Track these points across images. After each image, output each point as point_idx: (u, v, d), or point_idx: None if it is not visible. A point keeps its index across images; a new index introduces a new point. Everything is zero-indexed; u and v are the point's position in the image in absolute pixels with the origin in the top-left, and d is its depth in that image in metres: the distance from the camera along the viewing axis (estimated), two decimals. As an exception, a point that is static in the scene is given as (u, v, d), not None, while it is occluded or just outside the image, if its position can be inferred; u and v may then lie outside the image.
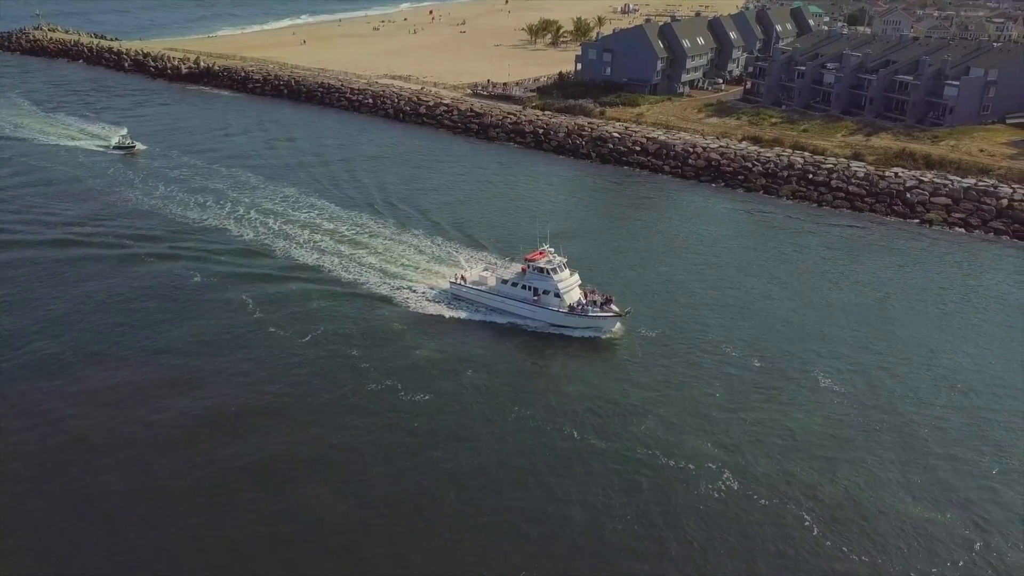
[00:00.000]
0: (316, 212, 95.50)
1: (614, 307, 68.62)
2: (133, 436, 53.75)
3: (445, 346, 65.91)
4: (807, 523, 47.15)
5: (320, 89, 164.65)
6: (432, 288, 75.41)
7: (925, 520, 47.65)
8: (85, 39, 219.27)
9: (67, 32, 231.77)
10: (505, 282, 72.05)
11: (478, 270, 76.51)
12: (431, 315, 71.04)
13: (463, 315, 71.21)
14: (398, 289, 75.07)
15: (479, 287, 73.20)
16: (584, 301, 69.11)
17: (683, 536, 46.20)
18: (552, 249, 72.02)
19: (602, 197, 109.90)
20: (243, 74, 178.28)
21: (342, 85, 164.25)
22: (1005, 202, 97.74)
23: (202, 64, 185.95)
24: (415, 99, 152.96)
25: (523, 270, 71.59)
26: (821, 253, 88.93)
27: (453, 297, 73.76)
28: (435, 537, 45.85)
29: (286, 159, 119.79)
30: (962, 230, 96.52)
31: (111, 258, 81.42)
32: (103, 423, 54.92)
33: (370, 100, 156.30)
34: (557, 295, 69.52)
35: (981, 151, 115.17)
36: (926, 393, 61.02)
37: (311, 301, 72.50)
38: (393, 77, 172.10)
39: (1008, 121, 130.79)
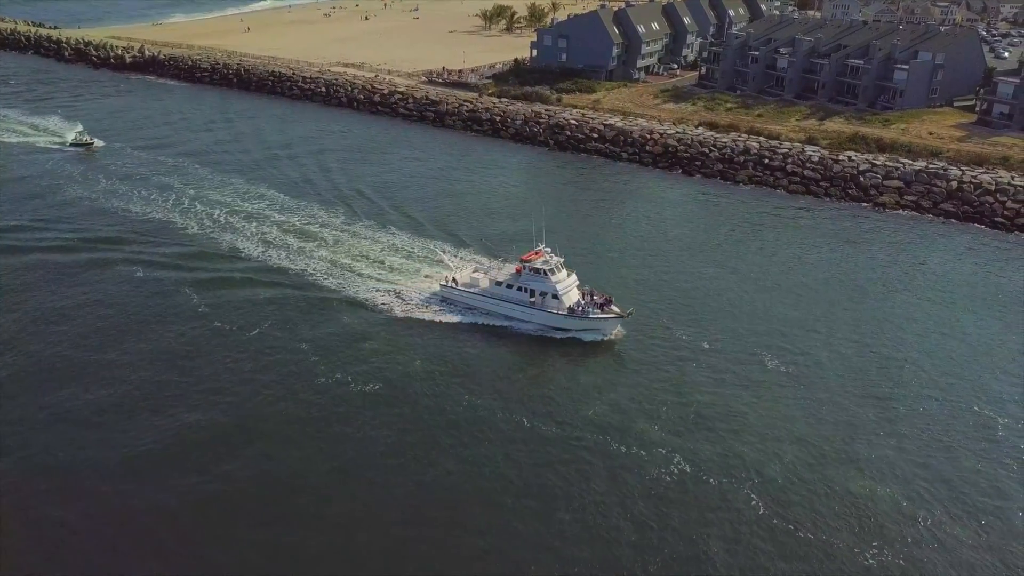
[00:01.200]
0: (292, 213, 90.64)
1: (615, 308, 65.93)
2: (101, 459, 50.70)
3: (440, 353, 62.91)
4: (754, 502, 47.75)
5: (271, 78, 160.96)
6: (419, 292, 71.83)
7: (869, 496, 48.42)
8: (23, 27, 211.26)
9: (3, 20, 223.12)
10: (499, 284, 68.76)
11: (468, 271, 72.78)
12: (421, 320, 67.56)
13: (456, 319, 67.92)
14: (382, 293, 71.49)
15: (471, 289, 69.85)
16: (583, 302, 66.30)
17: (638, 518, 46.33)
18: (548, 249, 68.72)
19: (560, 185, 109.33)
20: (190, 63, 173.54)
21: (293, 74, 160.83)
22: (955, 184, 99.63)
23: (147, 53, 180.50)
24: (369, 87, 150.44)
25: (517, 271, 68.46)
26: (773, 238, 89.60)
27: (443, 300, 70.44)
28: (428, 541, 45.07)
29: (253, 154, 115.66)
30: (915, 212, 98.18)
31: (90, 263, 77.26)
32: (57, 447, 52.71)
33: (323, 89, 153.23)
34: (555, 297, 66.45)
35: (930, 134, 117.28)
36: (870, 372, 61.95)
37: (289, 309, 68.70)
38: (346, 65, 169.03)
39: (955, 104, 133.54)
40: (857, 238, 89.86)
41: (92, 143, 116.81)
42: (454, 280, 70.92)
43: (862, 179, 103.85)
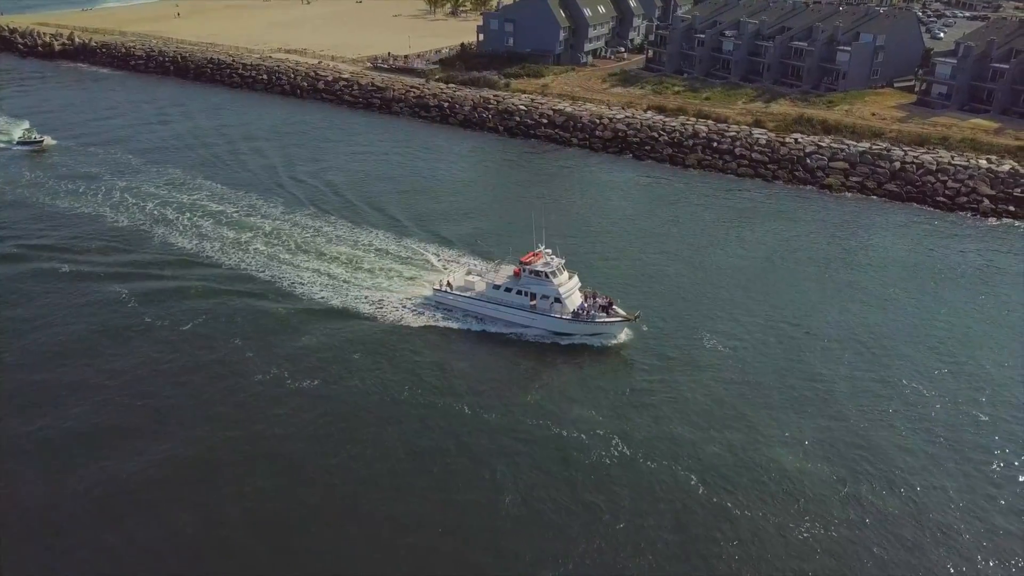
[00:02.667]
0: (265, 215, 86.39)
1: (619, 311, 63.54)
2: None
3: (441, 362, 60.46)
4: (693, 482, 48.21)
5: (210, 65, 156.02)
6: (410, 297, 68.63)
7: (803, 472, 49.13)
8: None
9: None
10: (497, 287, 65.51)
11: (462, 274, 69.74)
12: (414, 327, 64.56)
13: (454, 325, 65.04)
14: (368, 301, 68.12)
15: (466, 293, 66.72)
16: (586, 305, 63.76)
17: (583, 501, 46.53)
18: (549, 250, 65.74)
19: (510, 172, 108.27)
20: (124, 50, 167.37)
21: (233, 61, 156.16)
22: (898, 165, 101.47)
23: (77, 40, 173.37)
24: (312, 74, 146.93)
25: (516, 273, 65.47)
26: (718, 220, 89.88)
27: (437, 305, 67.28)
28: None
29: (215, 149, 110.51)
30: (860, 194, 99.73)
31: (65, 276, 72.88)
32: None
33: (264, 76, 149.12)
34: (558, 300, 63.62)
35: (873, 115, 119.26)
36: (806, 351, 62.74)
37: (286, 323, 64.86)
38: (288, 51, 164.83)
39: (896, 85, 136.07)
40: (802, 219, 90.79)
41: (43, 141, 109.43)
42: (448, 284, 67.75)
43: (808, 161, 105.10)
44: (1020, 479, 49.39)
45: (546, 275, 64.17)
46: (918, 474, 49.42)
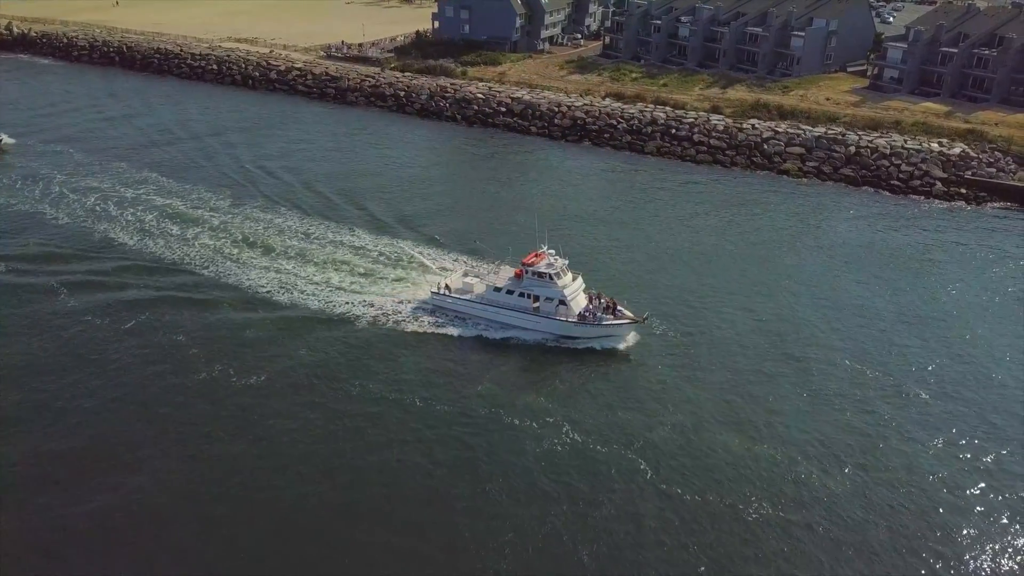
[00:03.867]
0: (254, 220, 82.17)
1: (625, 312, 61.70)
2: None
3: (442, 367, 58.49)
4: (642, 466, 48.31)
5: (157, 56, 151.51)
6: (407, 301, 66.08)
7: (747, 453, 49.63)
8: None
9: None
10: (498, 290, 63.17)
11: (458, 275, 67.35)
12: (413, 332, 62.24)
13: (454, 331, 62.54)
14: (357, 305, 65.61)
15: (465, 296, 64.39)
16: (591, 307, 62.02)
17: (533, 486, 46.61)
18: (552, 251, 63.51)
19: (468, 162, 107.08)
20: (66, 40, 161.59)
21: (181, 51, 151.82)
22: (853, 149, 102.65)
23: (15, 30, 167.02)
24: (264, 64, 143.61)
25: (517, 274, 63.36)
26: (675, 208, 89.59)
27: (435, 308, 64.75)
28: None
29: (185, 145, 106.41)
30: (816, 179, 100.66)
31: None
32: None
33: (215, 66, 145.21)
34: (563, 303, 61.54)
35: (828, 99, 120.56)
36: (748, 334, 63.12)
37: (253, 330, 61.95)
38: (238, 40, 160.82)
39: (849, 69, 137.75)
40: (759, 205, 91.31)
41: (1, 140, 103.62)
42: (447, 287, 65.13)
43: (766, 147, 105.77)
44: (959, 455, 50.31)
45: (550, 277, 62.11)
46: (863, 454, 50.08)
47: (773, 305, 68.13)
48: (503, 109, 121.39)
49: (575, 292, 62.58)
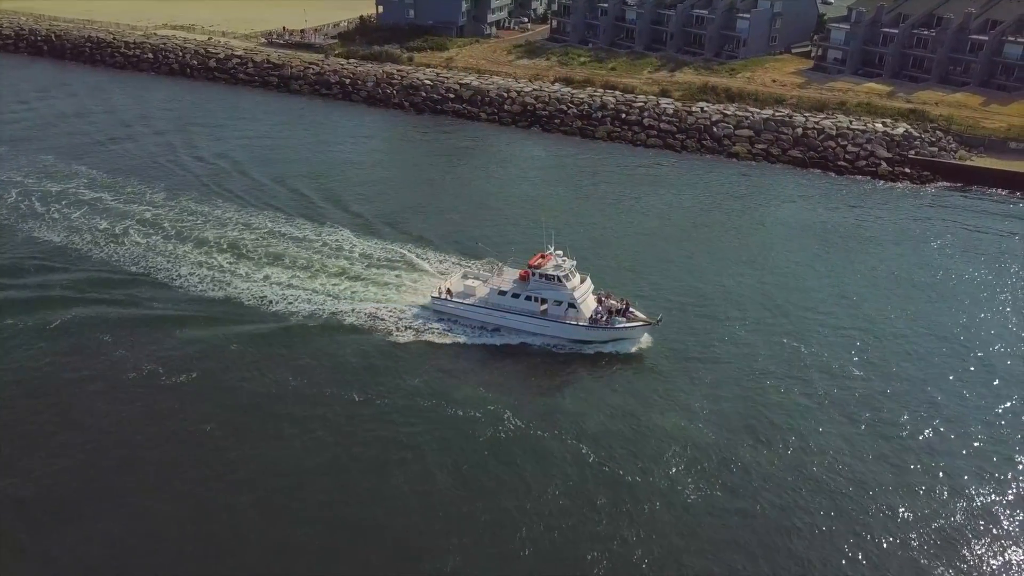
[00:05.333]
0: (254, 227, 77.07)
1: (638, 313, 59.60)
2: None
3: (443, 374, 55.94)
4: (584, 451, 48.38)
5: (88, 44, 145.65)
6: (407, 307, 62.94)
7: (684, 434, 49.89)
8: None
9: None
10: (503, 293, 60.57)
11: (457, 277, 64.72)
12: (411, 342, 59.02)
13: (462, 339, 59.75)
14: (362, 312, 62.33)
15: (467, 299, 61.77)
16: (601, 309, 59.70)
17: (489, 472, 46.78)
18: (560, 252, 61.15)
19: (417, 149, 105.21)
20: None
21: (114, 39, 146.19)
22: (800, 131, 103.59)
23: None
24: (203, 51, 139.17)
25: (522, 276, 60.91)
26: (623, 193, 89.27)
27: (435, 314, 61.73)
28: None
29: (143, 143, 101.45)
30: (765, 161, 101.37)
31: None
32: None
33: (150, 55, 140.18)
34: (573, 306, 59.20)
35: (774, 81, 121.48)
36: (692, 318, 63.27)
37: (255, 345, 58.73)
38: (174, 27, 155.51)
39: (793, 51, 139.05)
40: (708, 188, 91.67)
41: None
42: (448, 291, 62.41)
43: (715, 130, 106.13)
44: (899, 433, 50.94)
45: (558, 279, 59.67)
46: (799, 431, 50.62)
47: (718, 286, 68.49)
48: (452, 96, 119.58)
49: (584, 294, 60.36)
